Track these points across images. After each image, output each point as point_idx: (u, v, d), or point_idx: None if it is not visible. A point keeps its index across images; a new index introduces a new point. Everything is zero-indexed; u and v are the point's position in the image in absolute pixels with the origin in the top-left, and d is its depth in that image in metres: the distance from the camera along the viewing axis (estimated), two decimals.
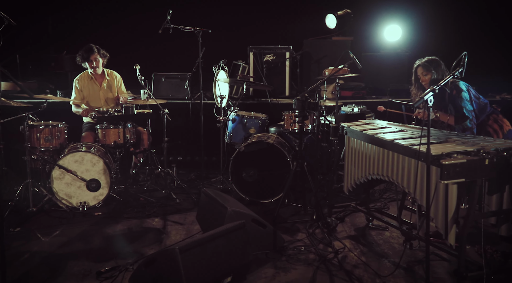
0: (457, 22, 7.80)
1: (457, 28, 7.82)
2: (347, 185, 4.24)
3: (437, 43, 7.73)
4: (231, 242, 3.31)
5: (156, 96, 6.74)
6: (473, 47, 7.68)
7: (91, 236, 4.28)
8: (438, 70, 4.56)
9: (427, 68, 4.60)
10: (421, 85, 4.71)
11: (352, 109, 5.72)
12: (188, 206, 5.09)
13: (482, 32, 7.84)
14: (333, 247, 3.93)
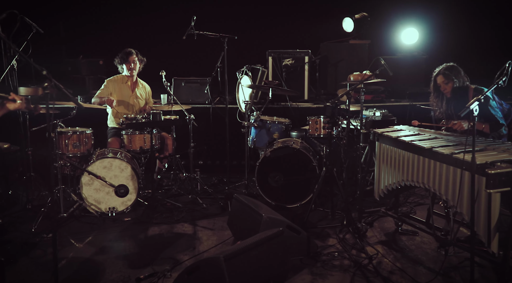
0: (473, 25, 7.81)
1: (473, 31, 7.84)
2: (378, 191, 4.27)
3: (453, 46, 7.75)
4: (271, 250, 3.34)
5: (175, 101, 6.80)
6: (489, 50, 7.73)
7: (124, 242, 4.32)
8: (458, 78, 4.45)
9: (448, 76, 4.47)
10: (441, 94, 4.59)
11: (374, 113, 5.75)
12: (215, 211, 5.12)
13: (496, 35, 7.87)
14: (366, 253, 3.97)
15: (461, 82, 4.46)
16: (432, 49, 7.90)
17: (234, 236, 4.34)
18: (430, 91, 4.71)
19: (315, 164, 5.11)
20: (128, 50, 5.60)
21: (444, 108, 4.53)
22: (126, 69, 5.61)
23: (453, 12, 7.88)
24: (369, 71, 5.23)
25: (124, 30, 8.26)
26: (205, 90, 6.79)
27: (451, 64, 4.54)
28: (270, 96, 5.26)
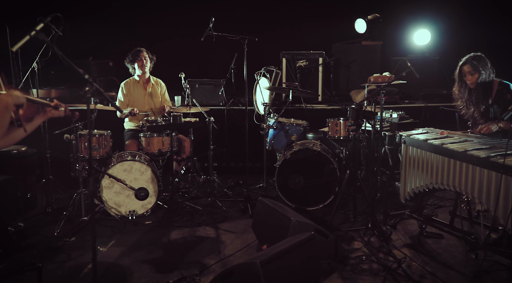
0: (486, 26, 7.78)
1: (486, 31, 7.81)
2: (404, 193, 4.25)
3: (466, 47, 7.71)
4: (304, 254, 3.32)
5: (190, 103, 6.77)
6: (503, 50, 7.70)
7: (147, 246, 4.28)
8: (485, 69, 4.25)
9: (475, 67, 4.25)
10: (466, 84, 4.41)
11: (391, 115, 5.72)
12: (236, 214, 5.09)
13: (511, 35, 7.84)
14: (394, 256, 3.94)
15: (487, 74, 4.27)
16: (445, 50, 7.88)
17: (258, 240, 4.31)
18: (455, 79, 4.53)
19: (335, 167, 5.08)
20: (137, 48, 5.64)
21: (467, 96, 4.42)
22: (138, 67, 5.60)
23: (466, 13, 7.87)
24: (389, 73, 5.20)
25: (134, 32, 8.22)
26: (219, 92, 6.76)
27: (478, 54, 4.33)
28: (291, 98, 5.22)
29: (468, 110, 4.38)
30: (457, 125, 4.69)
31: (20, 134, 2.44)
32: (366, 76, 7.73)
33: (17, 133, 2.45)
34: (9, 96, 2.30)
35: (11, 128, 2.46)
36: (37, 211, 5.09)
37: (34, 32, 2.24)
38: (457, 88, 4.51)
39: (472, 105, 4.34)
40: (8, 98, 2.29)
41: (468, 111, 4.39)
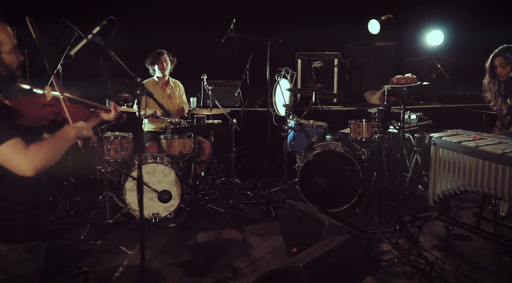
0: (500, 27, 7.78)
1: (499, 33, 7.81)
2: (433, 195, 4.24)
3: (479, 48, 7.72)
4: (342, 257, 3.31)
5: (206, 104, 6.74)
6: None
7: (175, 249, 4.26)
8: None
9: (508, 59, 4.13)
10: (496, 76, 4.33)
11: (409, 116, 5.71)
12: (259, 216, 5.07)
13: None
14: (426, 259, 3.93)
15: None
16: (458, 51, 7.88)
17: (286, 242, 4.29)
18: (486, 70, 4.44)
19: (359, 168, 5.07)
20: (159, 50, 5.60)
21: (496, 89, 4.39)
22: (158, 69, 5.57)
23: (479, 13, 7.86)
24: (411, 74, 5.20)
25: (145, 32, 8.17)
26: (235, 93, 6.74)
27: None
28: (314, 100, 5.21)
29: (496, 102, 4.36)
30: (484, 126, 4.68)
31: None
32: (379, 77, 7.78)
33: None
34: (72, 128, 2.15)
35: None
36: (59, 214, 5.05)
37: (91, 35, 2.21)
38: (487, 80, 4.45)
39: (500, 97, 4.33)
40: (70, 131, 2.15)
41: (496, 103, 4.37)
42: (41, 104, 2.20)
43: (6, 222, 2.05)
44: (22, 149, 1.91)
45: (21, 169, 1.89)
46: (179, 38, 8.11)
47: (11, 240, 2.05)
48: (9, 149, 1.89)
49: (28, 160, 1.89)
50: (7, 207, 2.05)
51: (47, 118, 2.21)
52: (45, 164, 1.94)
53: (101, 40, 2.23)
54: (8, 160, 1.89)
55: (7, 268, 2.03)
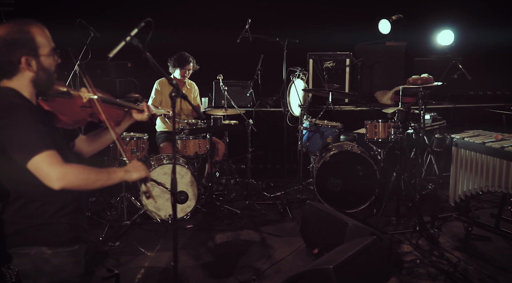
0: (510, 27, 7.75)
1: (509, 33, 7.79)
2: (453, 196, 4.22)
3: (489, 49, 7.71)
4: (369, 258, 3.29)
5: (218, 105, 6.72)
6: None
7: (195, 250, 4.24)
8: None
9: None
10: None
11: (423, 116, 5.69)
12: (275, 217, 5.05)
13: None
14: (448, 260, 3.91)
15: None
16: (468, 51, 7.85)
17: (306, 243, 4.27)
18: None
19: (375, 169, 5.06)
20: (186, 56, 5.46)
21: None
22: (179, 74, 5.51)
23: (489, 14, 7.84)
24: (428, 74, 5.18)
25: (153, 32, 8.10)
26: (247, 94, 6.71)
27: None
28: (330, 100, 5.19)
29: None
30: (504, 127, 4.67)
31: (111, 138, 2.39)
32: (390, 77, 7.76)
33: (108, 137, 2.40)
34: (121, 171, 2.07)
35: (101, 132, 2.41)
36: None
37: (129, 37, 2.18)
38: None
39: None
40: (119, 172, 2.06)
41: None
42: (78, 106, 2.18)
43: (50, 226, 2.03)
44: (56, 161, 1.88)
45: (50, 179, 1.86)
46: (189, 38, 8.07)
47: (55, 244, 2.03)
48: (44, 159, 1.86)
49: (59, 175, 1.86)
50: (52, 211, 2.03)
51: (85, 120, 2.19)
52: (74, 185, 1.89)
53: (138, 42, 2.20)
54: (40, 170, 1.86)
55: (51, 272, 2.01)
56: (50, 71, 2.08)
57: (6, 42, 1.95)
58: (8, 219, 2.06)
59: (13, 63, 1.98)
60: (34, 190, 1.98)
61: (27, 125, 1.90)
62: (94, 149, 2.40)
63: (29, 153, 1.86)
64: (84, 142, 2.35)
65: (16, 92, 2.01)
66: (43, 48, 2.02)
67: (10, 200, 2.05)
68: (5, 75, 2.02)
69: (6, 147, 1.89)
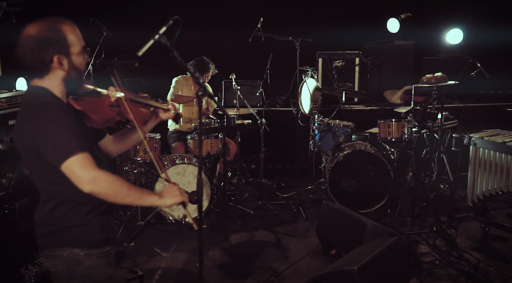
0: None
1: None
2: (471, 196, 4.19)
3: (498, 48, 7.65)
4: (391, 259, 3.25)
5: (227, 104, 6.69)
6: None
7: (211, 251, 4.20)
8: None
9: None
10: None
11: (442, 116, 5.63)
12: (289, 217, 5.02)
13: None
14: (468, 261, 3.87)
15: None
16: (477, 50, 7.80)
17: (323, 244, 4.22)
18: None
19: (389, 169, 5.02)
20: (206, 63, 5.32)
21: None
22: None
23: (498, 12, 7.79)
24: (441, 73, 5.14)
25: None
26: (257, 93, 6.67)
27: None
28: (344, 100, 5.15)
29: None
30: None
31: (138, 138, 2.36)
32: (398, 76, 7.72)
33: (135, 137, 2.36)
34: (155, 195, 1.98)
35: (128, 132, 2.37)
36: None
37: (158, 35, 2.15)
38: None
39: None
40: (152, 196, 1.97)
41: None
42: (107, 105, 2.14)
43: (83, 227, 2.00)
44: (90, 165, 1.85)
45: (82, 182, 1.82)
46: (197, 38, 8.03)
47: (88, 246, 2.00)
48: (79, 161, 1.83)
49: (91, 178, 1.83)
50: (84, 212, 2.00)
51: (114, 119, 2.15)
52: (103, 193, 1.85)
53: (167, 41, 2.17)
54: (74, 172, 1.83)
55: (84, 274, 1.98)
56: (80, 70, 2.04)
57: (38, 41, 1.91)
58: (39, 220, 2.02)
59: (45, 62, 1.94)
60: (67, 191, 1.95)
61: (62, 126, 1.86)
62: (121, 149, 2.36)
63: (64, 155, 1.82)
64: (111, 142, 2.31)
65: (48, 91, 1.98)
66: (74, 47, 1.99)
67: (42, 201, 2.02)
68: (37, 75, 1.98)
69: (40, 147, 1.86)
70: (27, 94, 2.02)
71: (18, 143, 1.98)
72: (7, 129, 4.03)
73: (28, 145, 1.90)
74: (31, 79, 2.01)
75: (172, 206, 2.04)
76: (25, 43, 1.92)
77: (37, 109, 1.89)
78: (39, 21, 1.96)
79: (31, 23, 1.96)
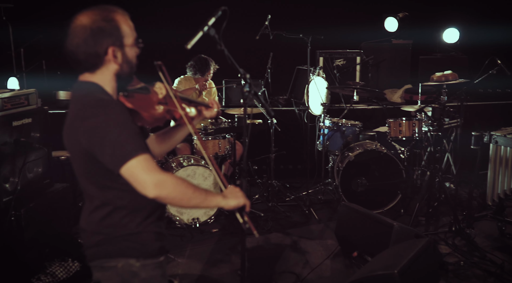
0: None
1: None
2: (491, 195, 4.14)
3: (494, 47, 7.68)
4: (425, 262, 3.16)
5: (228, 104, 6.54)
6: None
7: (227, 255, 4.06)
8: None
9: None
10: None
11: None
12: (301, 219, 4.90)
13: None
14: (491, 261, 3.82)
15: None
16: (473, 49, 7.82)
17: (341, 246, 4.12)
18: None
19: (401, 168, 4.95)
20: (205, 62, 5.13)
21: None
22: (197, 81, 5.24)
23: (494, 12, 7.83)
24: (451, 70, 5.10)
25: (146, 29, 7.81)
26: (259, 93, 6.53)
27: None
28: (355, 98, 5.06)
29: None
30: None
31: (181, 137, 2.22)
32: (396, 75, 7.69)
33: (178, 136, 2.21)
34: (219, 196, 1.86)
35: (172, 131, 2.21)
36: None
37: (207, 27, 2.00)
38: None
39: None
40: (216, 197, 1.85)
41: None
42: (155, 102, 1.98)
43: (138, 235, 1.84)
44: (153, 167, 1.70)
45: (146, 186, 1.67)
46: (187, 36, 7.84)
47: (144, 256, 1.84)
48: (141, 164, 1.67)
49: (156, 182, 1.67)
50: (139, 219, 1.84)
51: (164, 117, 1.99)
52: (169, 196, 1.71)
53: (215, 33, 2.02)
54: (136, 175, 1.67)
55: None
56: (132, 64, 1.88)
57: (92, 31, 1.75)
58: (89, 228, 1.86)
59: (99, 55, 1.78)
60: (121, 196, 1.79)
61: (121, 125, 1.70)
62: (164, 150, 2.20)
63: (124, 157, 1.66)
64: (154, 143, 2.15)
65: (100, 87, 1.81)
66: (127, 38, 1.83)
67: (91, 207, 1.85)
68: (88, 68, 1.81)
69: (95, 149, 1.69)
70: (78, 90, 1.84)
71: (69, 145, 1.81)
72: (11, 131, 3.81)
73: (81, 147, 1.74)
74: (80, 74, 1.84)
75: (235, 208, 1.88)
76: (78, 33, 1.76)
77: (92, 107, 1.72)
78: (90, 10, 1.79)
79: (82, 12, 1.79)
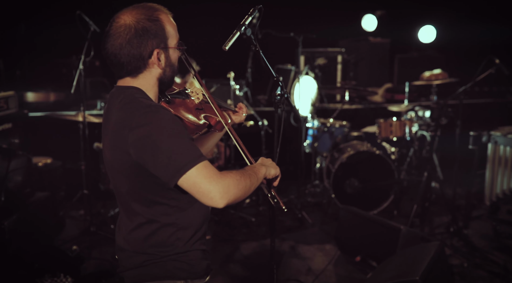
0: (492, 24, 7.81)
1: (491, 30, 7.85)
2: (490, 195, 4.13)
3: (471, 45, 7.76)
4: (441, 266, 3.08)
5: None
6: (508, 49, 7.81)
7: (226, 264, 3.88)
8: None
9: None
10: None
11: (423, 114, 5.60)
12: (294, 223, 4.76)
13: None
14: (493, 261, 3.79)
15: None
16: (450, 47, 7.90)
17: (341, 250, 4.02)
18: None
19: (393, 169, 4.90)
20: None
21: None
22: (180, 82, 5.05)
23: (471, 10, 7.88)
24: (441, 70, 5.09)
25: None
26: (241, 93, 6.36)
27: None
28: (348, 98, 4.97)
29: None
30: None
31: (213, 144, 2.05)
32: (375, 74, 7.68)
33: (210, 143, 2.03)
34: (262, 165, 1.75)
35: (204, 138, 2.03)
36: (72, 231, 4.47)
37: (244, 27, 1.84)
38: None
39: None
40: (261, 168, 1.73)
41: None
42: (194, 108, 1.80)
43: (186, 254, 1.67)
44: (214, 173, 1.51)
45: (212, 196, 1.49)
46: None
47: (192, 276, 1.68)
48: (202, 172, 1.49)
49: (222, 189, 1.50)
50: (186, 237, 1.67)
51: (204, 125, 1.79)
52: (236, 197, 1.55)
53: (251, 33, 1.86)
54: (199, 186, 1.49)
55: None
56: (175, 68, 1.71)
57: (137, 31, 1.56)
58: (132, 248, 1.67)
59: (143, 58, 1.59)
60: (169, 212, 1.63)
61: (176, 133, 1.52)
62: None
63: (183, 167, 1.48)
64: None
65: (144, 93, 1.62)
66: (171, 39, 1.65)
67: (134, 225, 1.66)
68: (130, 72, 1.62)
69: (147, 160, 1.51)
70: (120, 97, 1.62)
71: (113, 159, 1.60)
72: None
73: (130, 159, 1.54)
74: (119, 78, 1.64)
75: (274, 176, 1.79)
76: (122, 34, 1.56)
77: (141, 114, 1.53)
78: (134, 8, 1.60)
79: (122, 10, 1.59)
